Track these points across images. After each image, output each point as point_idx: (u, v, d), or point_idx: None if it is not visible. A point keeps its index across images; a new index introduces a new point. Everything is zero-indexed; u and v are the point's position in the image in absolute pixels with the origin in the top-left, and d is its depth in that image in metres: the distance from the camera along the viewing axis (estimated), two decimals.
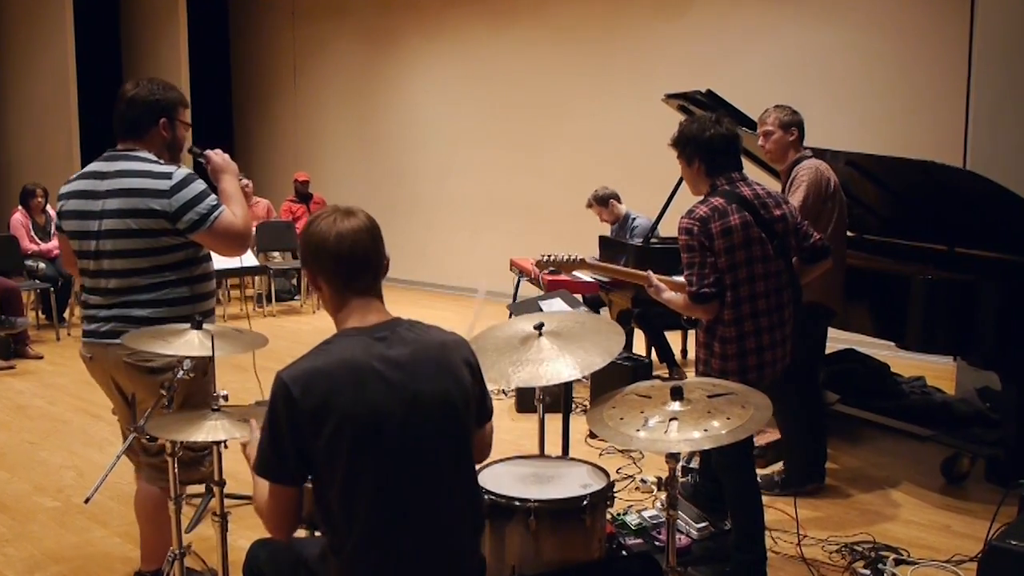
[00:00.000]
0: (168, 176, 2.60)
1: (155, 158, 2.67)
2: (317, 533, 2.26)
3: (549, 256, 3.23)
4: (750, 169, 3.39)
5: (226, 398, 2.42)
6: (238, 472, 3.12)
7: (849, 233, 4.49)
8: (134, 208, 2.59)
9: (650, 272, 3.08)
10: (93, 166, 2.72)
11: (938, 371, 5.68)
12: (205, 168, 2.83)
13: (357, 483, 1.74)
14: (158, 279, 2.64)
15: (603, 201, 6.30)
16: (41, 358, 6.76)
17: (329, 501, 1.77)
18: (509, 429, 4.80)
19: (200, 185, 2.64)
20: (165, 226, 2.60)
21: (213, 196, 2.66)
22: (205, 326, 2.59)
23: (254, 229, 2.72)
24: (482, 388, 1.95)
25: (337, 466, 1.73)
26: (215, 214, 2.61)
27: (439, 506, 1.82)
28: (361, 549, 1.77)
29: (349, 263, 1.83)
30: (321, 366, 1.74)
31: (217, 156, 2.82)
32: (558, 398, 3.59)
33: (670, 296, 2.99)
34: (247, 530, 3.35)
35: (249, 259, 7.77)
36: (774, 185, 3.66)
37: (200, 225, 2.60)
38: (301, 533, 2.21)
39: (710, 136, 2.89)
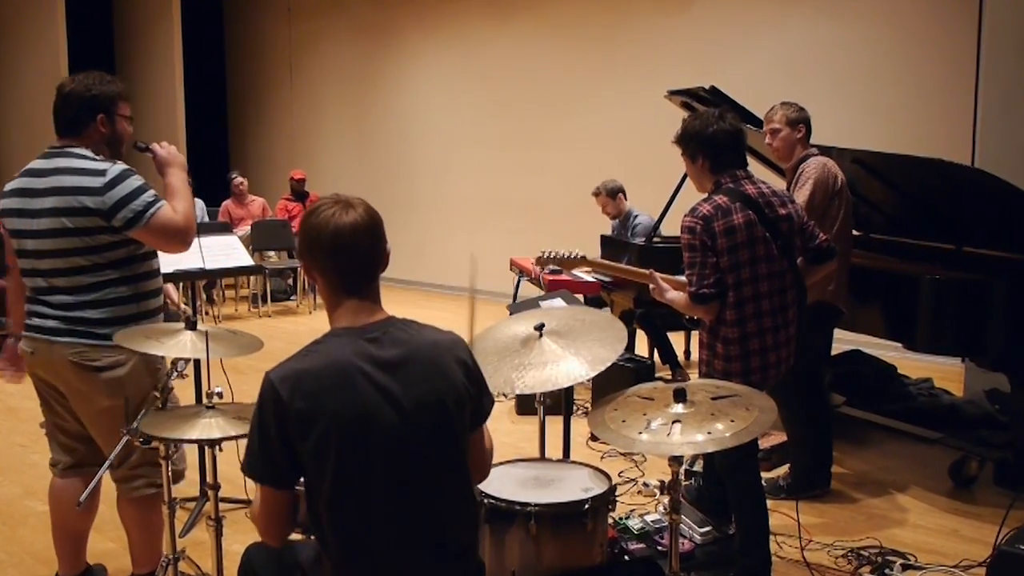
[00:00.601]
0: (102, 173, 2.58)
1: (92, 155, 2.65)
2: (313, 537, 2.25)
3: (550, 253, 3.22)
4: (755, 167, 3.39)
5: (220, 395, 2.41)
6: (234, 476, 3.13)
7: (855, 232, 4.49)
8: (68, 207, 2.57)
9: (653, 271, 3.08)
10: (33, 164, 2.71)
11: (946, 372, 5.67)
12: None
13: (346, 487, 1.74)
14: (98, 278, 2.62)
15: (612, 193, 6.32)
16: None
17: (319, 505, 1.77)
18: (509, 432, 4.80)
19: (136, 181, 2.61)
20: (100, 224, 2.57)
21: (150, 192, 2.62)
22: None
23: (195, 227, 2.72)
24: (479, 389, 1.92)
25: (325, 469, 1.73)
26: (151, 211, 2.58)
27: (430, 512, 1.81)
28: (350, 554, 1.77)
29: (346, 263, 1.83)
30: (309, 367, 1.74)
31: (162, 149, 2.80)
32: (559, 400, 3.58)
33: (673, 296, 2.99)
34: (241, 534, 3.34)
35: (244, 258, 7.71)
36: (780, 183, 3.67)
37: (136, 222, 2.57)
38: (297, 537, 2.21)
39: (713, 132, 2.90)
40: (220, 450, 2.47)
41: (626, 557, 3.08)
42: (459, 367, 1.86)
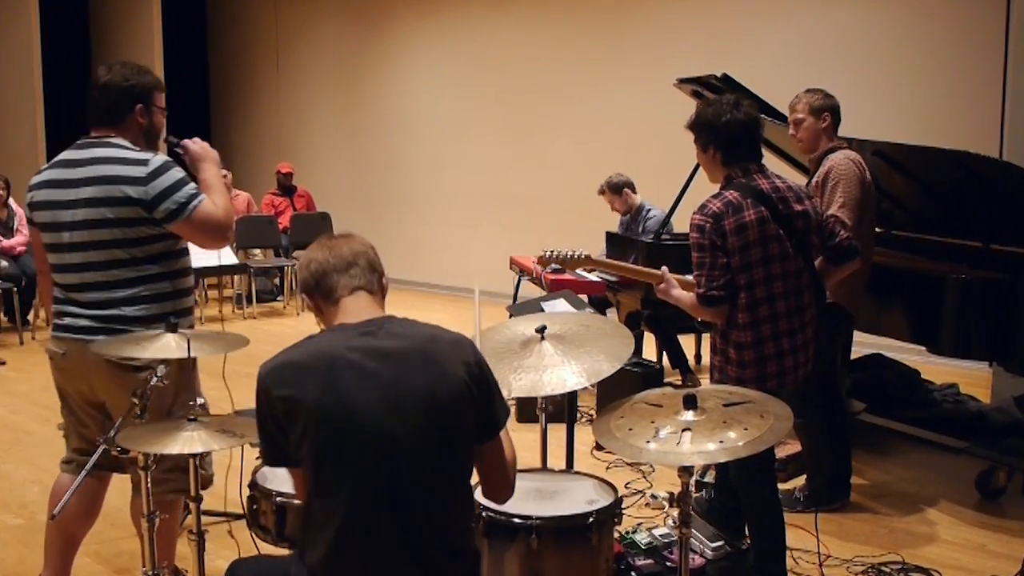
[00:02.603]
0: (145, 163, 2.63)
1: (131, 145, 2.70)
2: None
3: (553, 252, 3.23)
4: (773, 162, 3.39)
5: (204, 407, 2.41)
6: (216, 489, 3.13)
7: (877, 229, 4.49)
8: (109, 196, 2.61)
9: (665, 268, 3.08)
10: (65, 155, 2.74)
11: (973, 378, 5.68)
12: (183, 158, 2.86)
13: (330, 482, 1.79)
14: (137, 273, 2.66)
15: (616, 189, 6.30)
16: (3, 363, 6.77)
17: (309, 500, 1.85)
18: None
19: (178, 173, 2.67)
20: (142, 214, 2.61)
21: (192, 185, 2.69)
22: (181, 329, 2.59)
23: (234, 223, 2.79)
24: (488, 395, 1.93)
25: (309, 461, 1.80)
26: (194, 203, 2.64)
27: (413, 511, 1.81)
28: (328, 557, 1.79)
29: (349, 264, 1.95)
30: (295, 357, 1.84)
31: (195, 145, 2.85)
32: (562, 407, 3.59)
33: (679, 294, 3.00)
34: (225, 549, 3.35)
35: (228, 257, 7.74)
36: (799, 178, 3.65)
37: (178, 215, 2.62)
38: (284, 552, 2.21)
39: (727, 122, 2.89)
40: (202, 460, 2.47)
41: (633, 573, 3.08)
42: (462, 366, 1.87)
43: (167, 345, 2.52)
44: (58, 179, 2.71)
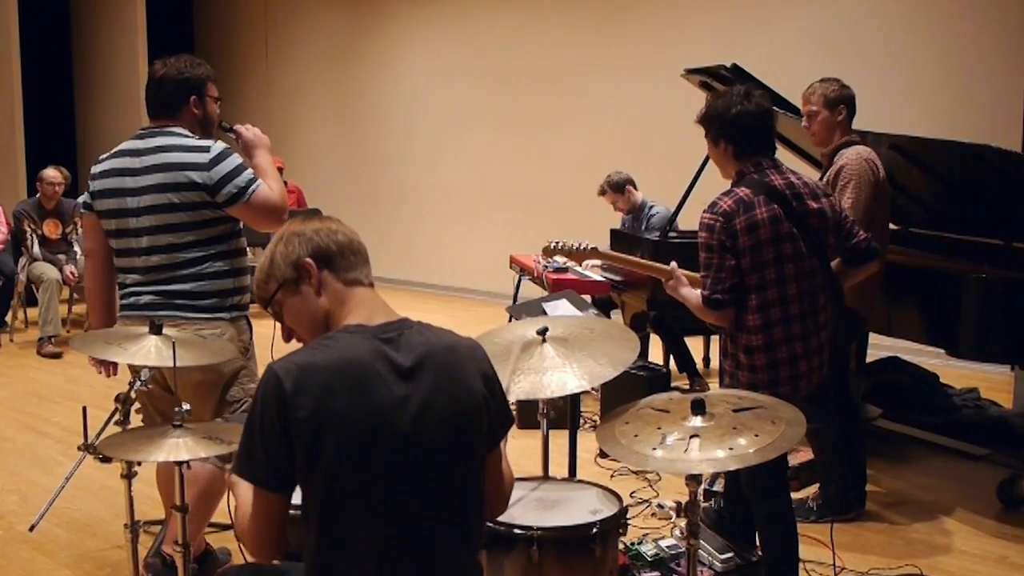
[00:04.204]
0: (206, 149, 2.91)
1: (190, 133, 2.99)
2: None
3: (559, 243, 3.25)
4: (784, 156, 3.38)
5: (188, 413, 2.42)
6: None
7: (893, 226, 4.49)
8: (175, 182, 2.88)
9: (674, 263, 3.08)
10: (126, 144, 3.00)
11: (994, 382, 5.68)
12: (236, 143, 3.14)
13: (342, 497, 1.73)
14: (200, 253, 2.94)
15: (618, 187, 6.29)
16: None
17: (309, 513, 1.77)
18: (509, 447, 4.79)
19: (237, 159, 2.94)
20: (205, 198, 2.89)
21: (250, 171, 2.96)
22: (165, 330, 2.61)
23: (288, 208, 3.09)
24: (499, 403, 1.94)
25: (320, 475, 1.72)
26: (253, 187, 2.91)
27: (441, 538, 1.81)
28: (337, 568, 1.76)
29: (347, 248, 1.91)
30: (319, 361, 1.75)
31: (248, 131, 3.13)
32: (564, 412, 3.59)
33: (688, 293, 3.00)
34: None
35: None
36: (812, 174, 3.65)
37: (239, 198, 2.89)
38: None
39: (738, 114, 2.89)
40: (188, 468, 2.47)
41: None
42: (480, 378, 1.88)
43: (147, 350, 2.53)
44: (122, 168, 2.97)
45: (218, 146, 2.93)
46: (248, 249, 3.17)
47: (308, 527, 1.78)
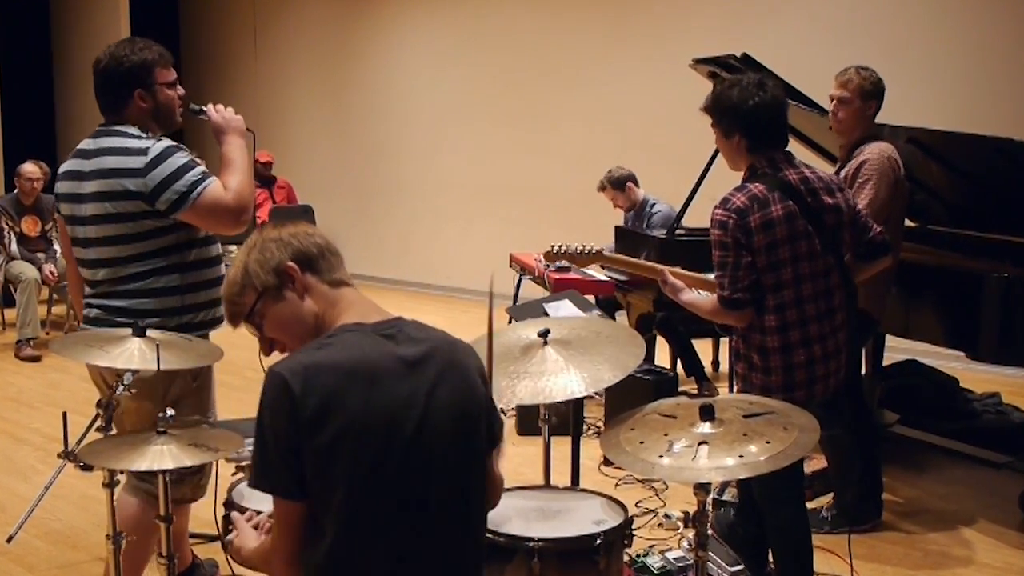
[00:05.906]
0: (143, 152, 2.69)
1: (138, 132, 2.77)
2: None
3: (561, 247, 3.23)
4: (795, 148, 3.38)
5: (173, 419, 2.42)
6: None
7: (911, 223, 4.49)
8: (111, 190, 2.69)
9: (665, 268, 3.06)
10: (83, 144, 2.84)
11: (1016, 386, 5.68)
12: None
13: (360, 500, 1.74)
14: (144, 267, 2.74)
15: (619, 184, 6.29)
16: None
17: (325, 519, 1.75)
18: (509, 455, 4.76)
19: (180, 159, 2.71)
20: (144, 208, 2.68)
21: (197, 169, 2.72)
22: (150, 333, 2.59)
23: (251, 205, 2.85)
24: (493, 406, 1.97)
25: (337, 477, 1.72)
26: (197, 190, 2.67)
27: (445, 537, 1.83)
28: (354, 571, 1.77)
29: (327, 250, 1.92)
30: (325, 360, 1.75)
31: (216, 114, 2.90)
32: (566, 418, 3.58)
33: (691, 298, 2.98)
34: None
35: None
36: (826, 167, 3.64)
37: (181, 204, 2.67)
38: None
39: (755, 106, 2.86)
40: (171, 476, 2.48)
41: None
42: (479, 375, 1.91)
43: (130, 353, 2.52)
44: (74, 171, 2.82)
45: (158, 147, 2.70)
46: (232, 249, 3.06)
47: (317, 531, 1.77)
